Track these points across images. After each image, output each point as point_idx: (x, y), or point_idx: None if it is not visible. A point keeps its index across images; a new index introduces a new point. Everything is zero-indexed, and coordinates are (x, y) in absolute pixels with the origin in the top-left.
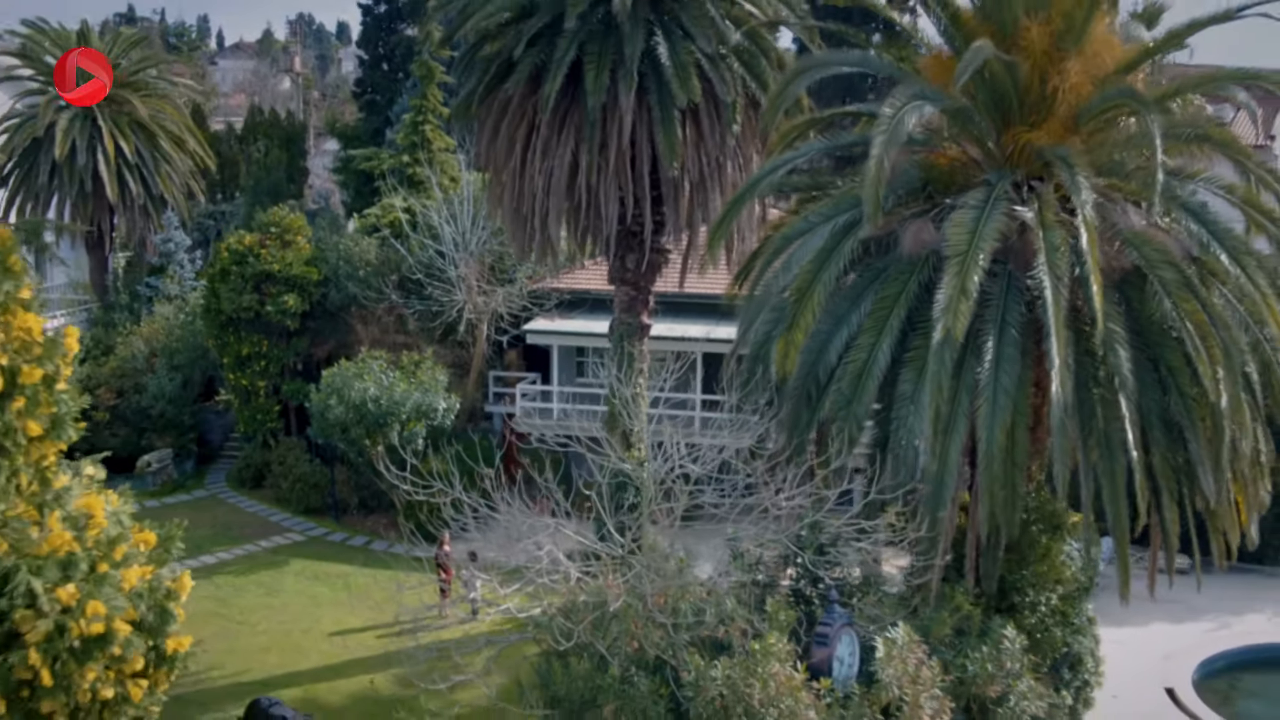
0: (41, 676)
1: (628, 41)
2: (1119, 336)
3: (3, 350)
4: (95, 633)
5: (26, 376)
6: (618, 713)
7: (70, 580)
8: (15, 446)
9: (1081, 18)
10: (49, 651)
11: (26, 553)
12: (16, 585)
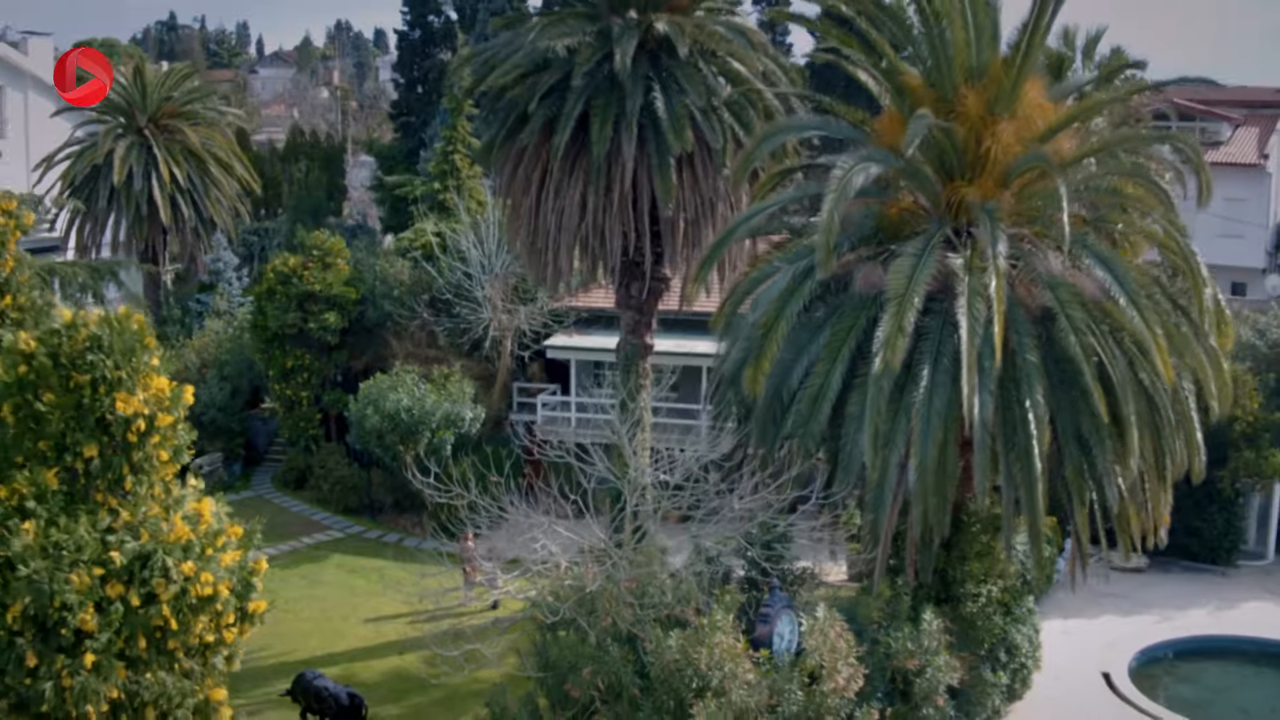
0: (170, 623)
1: (629, 96)
2: (1034, 366)
3: (144, 404)
4: (205, 595)
5: (161, 421)
6: (594, 674)
7: (189, 559)
8: (152, 469)
9: (1010, 87)
10: (175, 607)
11: (161, 540)
12: (155, 562)
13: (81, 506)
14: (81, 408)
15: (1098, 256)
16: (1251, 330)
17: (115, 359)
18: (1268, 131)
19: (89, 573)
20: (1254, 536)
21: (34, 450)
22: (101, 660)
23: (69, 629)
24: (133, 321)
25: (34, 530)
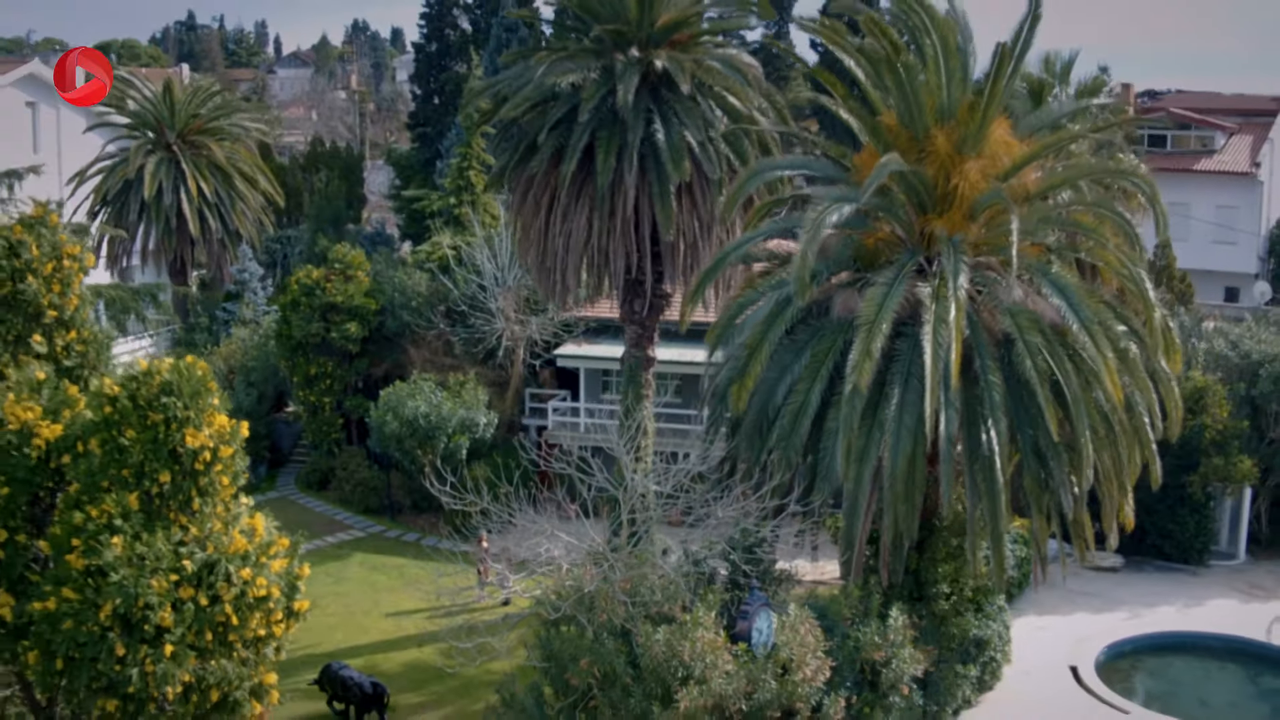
0: (231, 620)
1: (631, 129)
2: (996, 386)
3: (209, 438)
4: (260, 596)
5: (222, 452)
6: (591, 664)
7: (246, 566)
8: (215, 491)
9: (976, 128)
10: (236, 606)
11: (223, 551)
12: (219, 569)
13: (158, 524)
14: (157, 442)
15: (1055, 285)
16: (1225, 342)
17: (184, 400)
18: (1261, 140)
19: (166, 578)
20: (1226, 538)
21: (118, 477)
22: (177, 650)
23: (150, 625)
24: (198, 369)
25: (121, 544)
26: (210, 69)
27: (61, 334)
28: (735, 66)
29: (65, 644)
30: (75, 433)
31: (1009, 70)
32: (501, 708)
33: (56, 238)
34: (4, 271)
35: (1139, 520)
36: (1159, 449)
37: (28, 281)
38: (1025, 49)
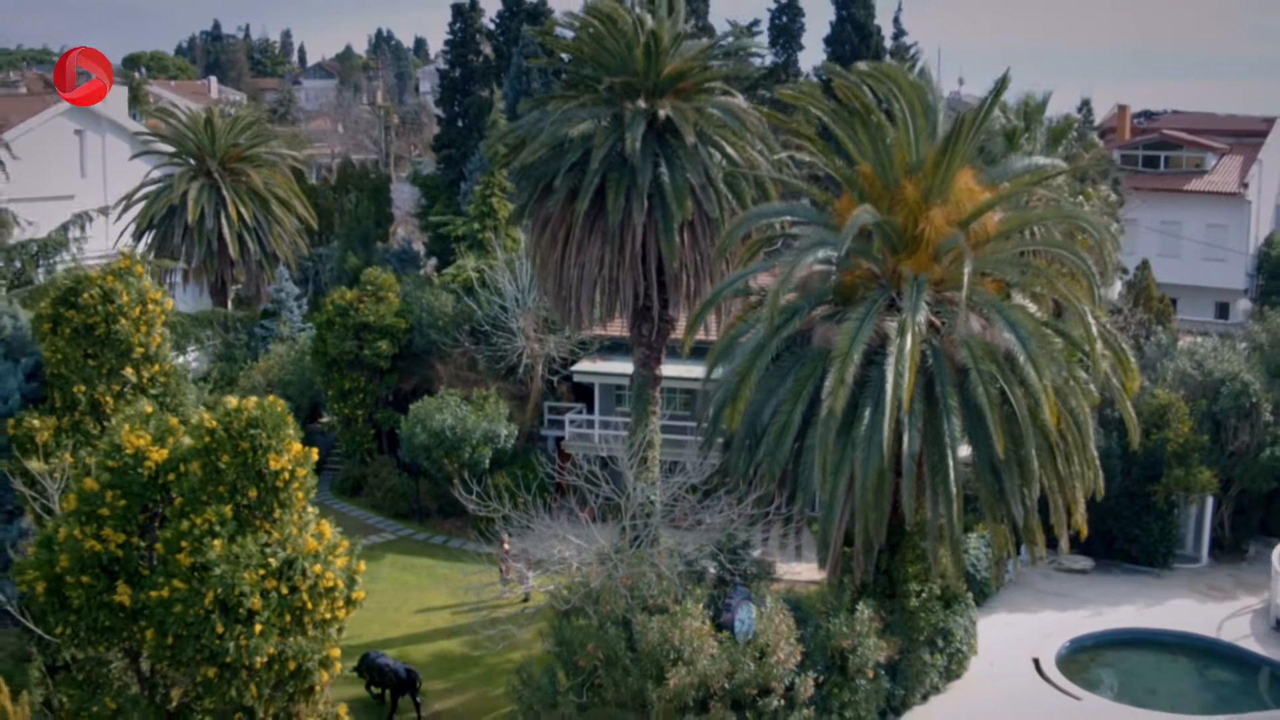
0: (307, 605)
1: (639, 173)
2: (954, 409)
3: (288, 462)
4: (328, 586)
5: (298, 473)
6: (596, 649)
7: (317, 563)
8: (292, 504)
9: (941, 180)
10: (310, 594)
11: (299, 551)
12: (296, 565)
13: (248, 529)
14: (246, 465)
15: (1006, 319)
16: (1190, 361)
17: (268, 431)
18: (1250, 161)
19: (255, 572)
20: (1190, 542)
21: (215, 492)
22: (264, 629)
23: (244, 609)
24: (277, 406)
25: (220, 545)
26: (236, 79)
27: (147, 367)
28: (734, 114)
29: (176, 624)
30: (178, 456)
31: (970, 132)
32: (521, 686)
33: (141, 285)
34: (99, 315)
35: (1108, 525)
36: (1126, 460)
37: (120, 323)
38: (988, 115)
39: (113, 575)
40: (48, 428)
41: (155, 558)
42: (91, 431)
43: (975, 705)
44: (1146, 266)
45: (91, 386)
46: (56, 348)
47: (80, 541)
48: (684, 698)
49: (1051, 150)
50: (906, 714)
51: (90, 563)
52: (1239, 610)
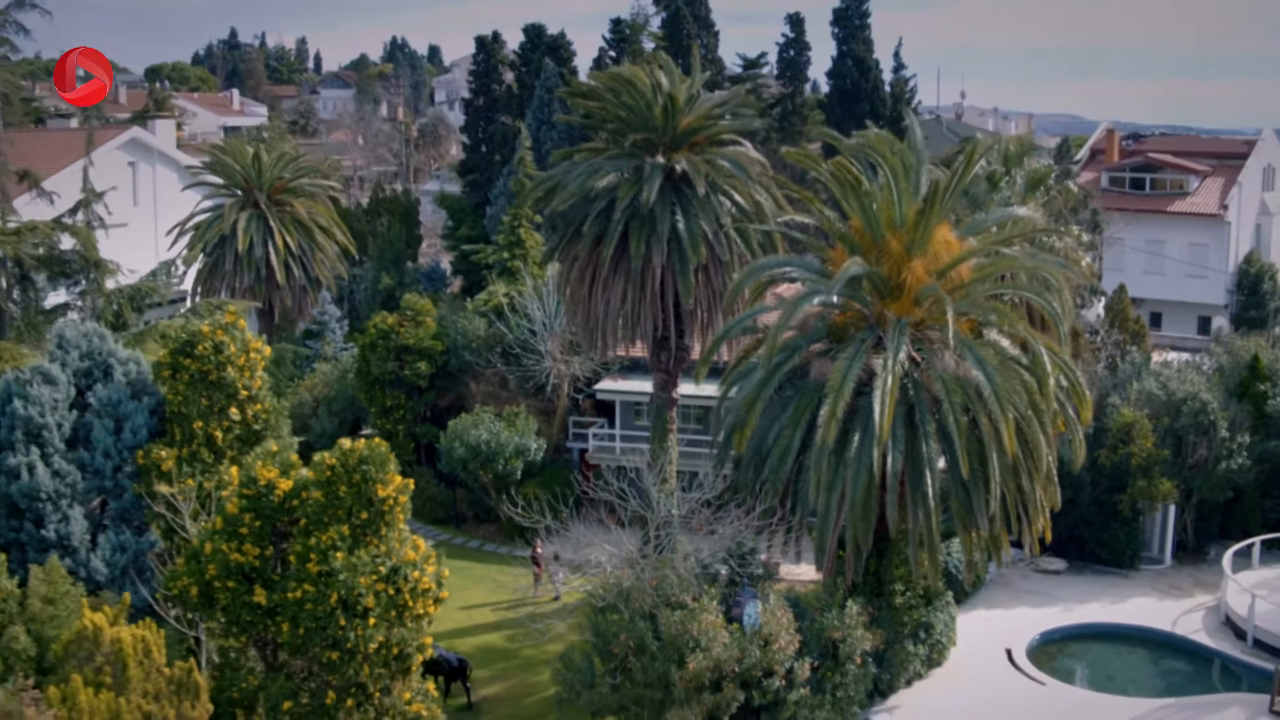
0: (408, 603)
1: (658, 221)
2: (931, 435)
3: (391, 490)
4: (424, 588)
5: (400, 499)
6: (627, 638)
7: (415, 569)
8: (394, 523)
9: (922, 233)
10: (411, 594)
11: (401, 560)
12: (400, 572)
13: (362, 544)
14: (359, 493)
15: (975, 358)
16: (1156, 383)
17: (375, 466)
18: (1231, 183)
19: (369, 577)
20: (1156, 545)
21: (334, 515)
22: (376, 622)
23: (361, 606)
24: (382, 446)
25: (342, 556)
26: (255, 88)
27: (251, 406)
28: (741, 165)
29: (307, 619)
30: (300, 485)
31: (946, 196)
32: (563, 670)
33: (245, 336)
34: (212, 363)
35: (1080, 531)
36: (1096, 473)
37: (228, 370)
38: (963, 179)
39: (251, 580)
40: (171, 457)
41: (285, 566)
42: (207, 461)
43: (952, 689)
44: (1123, 290)
45: (206, 423)
46: (176, 390)
47: (226, 554)
48: (701, 679)
49: (1030, 195)
50: (892, 696)
51: (234, 571)
52: (1194, 607)
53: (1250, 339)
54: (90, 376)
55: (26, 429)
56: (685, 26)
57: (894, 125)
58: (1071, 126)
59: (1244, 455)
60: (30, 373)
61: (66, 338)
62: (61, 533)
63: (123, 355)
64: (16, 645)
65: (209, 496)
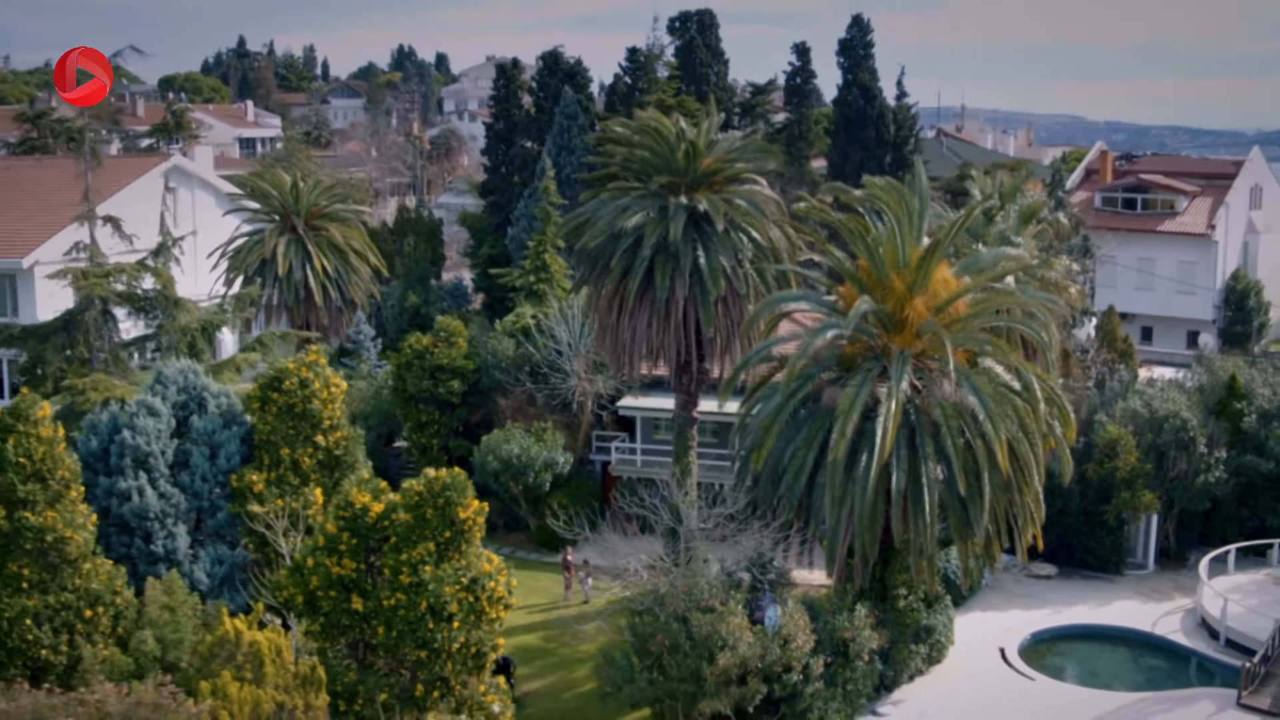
0: (485, 609)
1: (681, 256)
2: (930, 455)
3: (471, 513)
4: (499, 595)
5: (478, 520)
6: (662, 639)
7: (491, 579)
8: (472, 540)
9: (923, 274)
10: (487, 601)
11: (479, 572)
12: (479, 582)
13: (446, 558)
14: (443, 515)
15: (970, 385)
16: (1140, 401)
17: (457, 492)
18: (1218, 203)
19: (453, 587)
20: (1141, 552)
21: (421, 534)
22: (459, 625)
23: (446, 612)
24: (461, 475)
25: (430, 570)
26: (265, 96)
27: (332, 434)
28: (757, 203)
29: (400, 623)
30: (390, 508)
31: (946, 242)
32: (605, 666)
33: (326, 372)
34: (298, 396)
35: (1070, 539)
36: (1084, 485)
37: (312, 403)
38: (961, 229)
39: (349, 590)
40: (261, 480)
41: (377, 578)
42: (293, 483)
43: (950, 685)
44: (1112, 311)
45: (292, 449)
46: (265, 420)
47: (328, 568)
48: (729, 674)
49: (1023, 227)
50: (896, 691)
51: (335, 582)
52: (1173, 610)
53: (1230, 359)
54: (187, 408)
55: (135, 456)
56: (698, 55)
57: (897, 150)
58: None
59: (1221, 469)
60: (136, 406)
61: (165, 374)
62: (168, 548)
63: (215, 389)
64: (145, 647)
65: (297, 515)
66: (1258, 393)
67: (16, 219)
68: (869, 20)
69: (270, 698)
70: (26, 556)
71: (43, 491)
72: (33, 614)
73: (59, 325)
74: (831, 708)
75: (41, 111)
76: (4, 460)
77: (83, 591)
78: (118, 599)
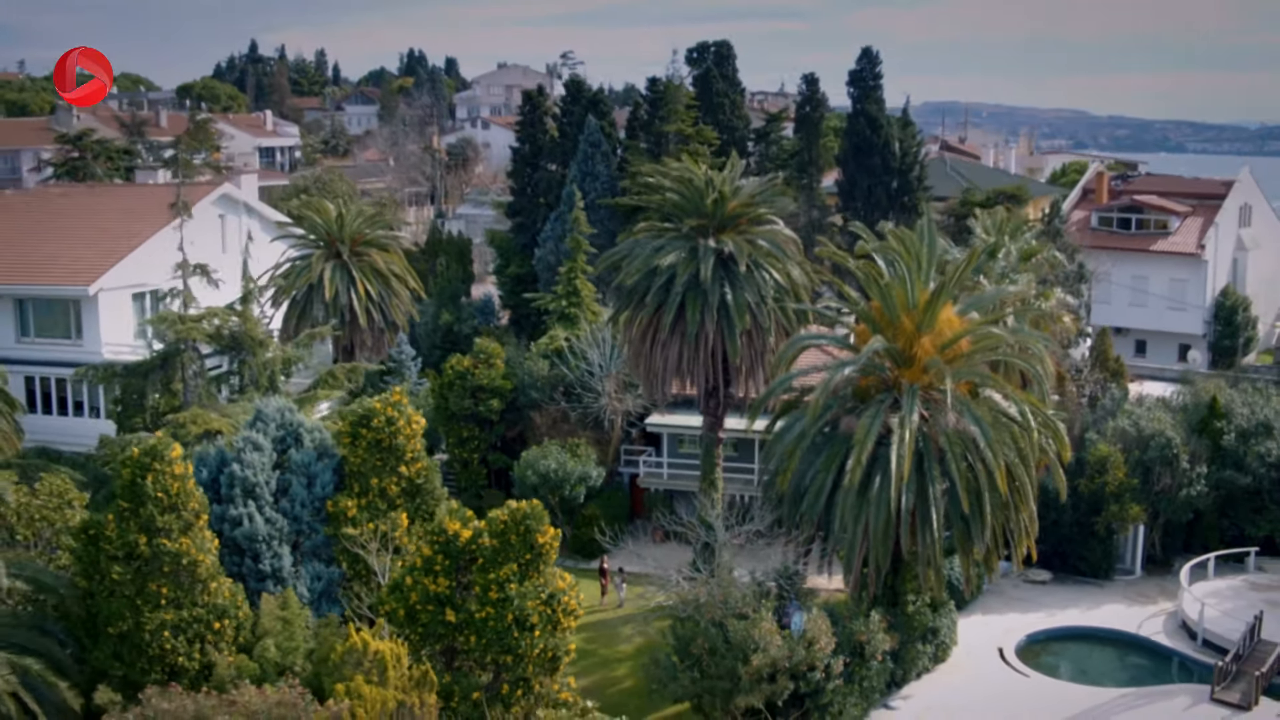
0: (560, 619)
1: (710, 293)
2: (936, 478)
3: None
4: (571, 608)
5: (554, 543)
6: (702, 642)
7: (565, 594)
8: (549, 560)
9: (930, 315)
10: (562, 613)
11: (555, 588)
12: (556, 597)
13: (527, 576)
14: (525, 540)
15: (972, 416)
16: (1129, 421)
17: (535, 521)
18: (1208, 223)
19: (535, 601)
20: (1129, 559)
21: (506, 556)
22: (539, 633)
23: (529, 623)
24: (537, 505)
25: (515, 587)
26: (280, 102)
27: (414, 465)
28: (778, 244)
29: (489, 633)
30: (476, 534)
31: (950, 285)
32: (651, 667)
33: (408, 411)
34: (385, 433)
35: (1064, 548)
36: (1076, 498)
37: (398, 438)
38: (965, 272)
39: (443, 605)
40: (354, 506)
41: (467, 594)
42: (381, 508)
43: (953, 681)
44: (1105, 333)
45: (380, 479)
46: (356, 453)
47: (425, 585)
48: (761, 673)
49: (1023, 264)
50: (906, 686)
51: (432, 598)
52: (1156, 613)
53: (1212, 380)
54: (285, 443)
55: (244, 486)
56: (715, 84)
57: (903, 176)
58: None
59: (1202, 483)
60: (242, 441)
61: (265, 412)
62: (274, 566)
63: (309, 424)
64: (268, 654)
65: (386, 537)
66: (1237, 412)
67: (78, 246)
68: (878, 52)
69: (393, 696)
70: (164, 577)
71: (177, 521)
72: (170, 626)
73: (156, 364)
74: (850, 702)
75: (82, 132)
76: (145, 494)
77: (211, 606)
78: (239, 612)
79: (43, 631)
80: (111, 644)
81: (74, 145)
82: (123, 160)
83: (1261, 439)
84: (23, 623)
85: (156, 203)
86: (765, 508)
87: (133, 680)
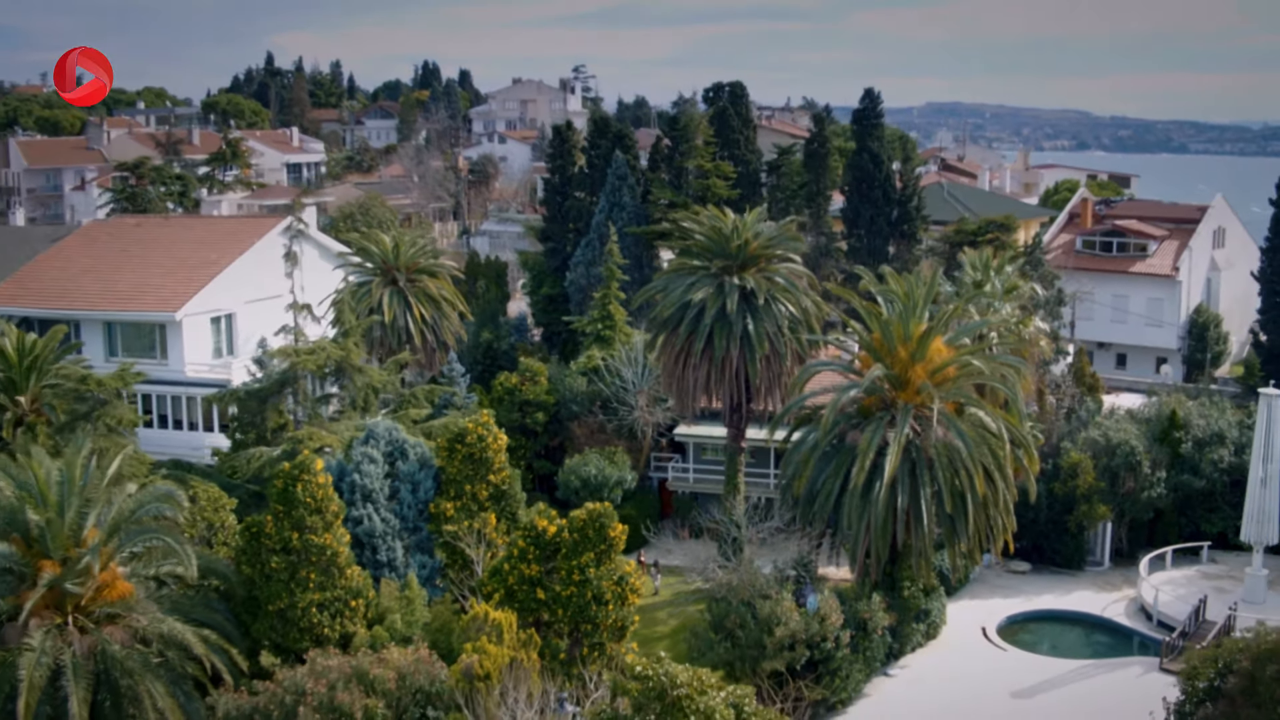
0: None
1: (734, 324)
2: (927, 483)
3: (617, 533)
4: (636, 587)
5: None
6: (735, 618)
7: (631, 576)
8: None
9: (924, 346)
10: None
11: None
12: (625, 579)
13: (602, 562)
14: (600, 533)
15: (956, 430)
16: (1098, 432)
17: (608, 519)
18: (1183, 246)
19: (609, 581)
20: (1098, 552)
21: (584, 546)
22: (612, 606)
23: (604, 599)
24: (609, 506)
25: (593, 571)
26: (300, 114)
27: (499, 474)
28: (792, 280)
29: (572, 607)
30: (560, 530)
31: (941, 325)
32: (692, 638)
33: (493, 429)
34: (476, 448)
35: (1041, 542)
36: (1051, 499)
37: (487, 453)
38: (952, 317)
39: (535, 585)
40: (452, 508)
41: (553, 576)
42: (473, 510)
43: (942, 655)
44: (1082, 353)
45: (472, 486)
46: (453, 464)
47: (521, 570)
48: (782, 644)
49: (1008, 296)
50: (902, 658)
51: (525, 580)
52: (1120, 598)
53: (1174, 395)
54: (393, 456)
55: (362, 492)
56: (730, 120)
57: (903, 207)
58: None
59: (1162, 486)
60: (360, 455)
61: (375, 431)
62: (389, 557)
63: (412, 441)
64: (396, 626)
65: (479, 533)
66: (1194, 423)
67: (159, 275)
68: (879, 93)
69: (507, 653)
70: (312, 566)
71: (321, 521)
72: (316, 604)
73: (274, 389)
74: (855, 669)
75: (139, 161)
76: (297, 500)
77: (348, 588)
78: (370, 593)
79: (212, 609)
80: (270, 619)
81: (132, 172)
82: (175, 185)
83: (1215, 447)
84: (199, 602)
85: (225, 234)
86: (783, 508)
87: (286, 647)
